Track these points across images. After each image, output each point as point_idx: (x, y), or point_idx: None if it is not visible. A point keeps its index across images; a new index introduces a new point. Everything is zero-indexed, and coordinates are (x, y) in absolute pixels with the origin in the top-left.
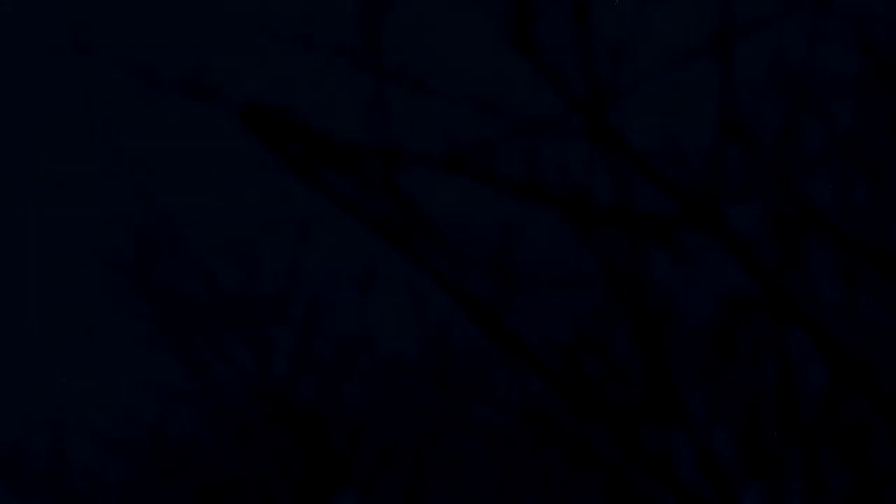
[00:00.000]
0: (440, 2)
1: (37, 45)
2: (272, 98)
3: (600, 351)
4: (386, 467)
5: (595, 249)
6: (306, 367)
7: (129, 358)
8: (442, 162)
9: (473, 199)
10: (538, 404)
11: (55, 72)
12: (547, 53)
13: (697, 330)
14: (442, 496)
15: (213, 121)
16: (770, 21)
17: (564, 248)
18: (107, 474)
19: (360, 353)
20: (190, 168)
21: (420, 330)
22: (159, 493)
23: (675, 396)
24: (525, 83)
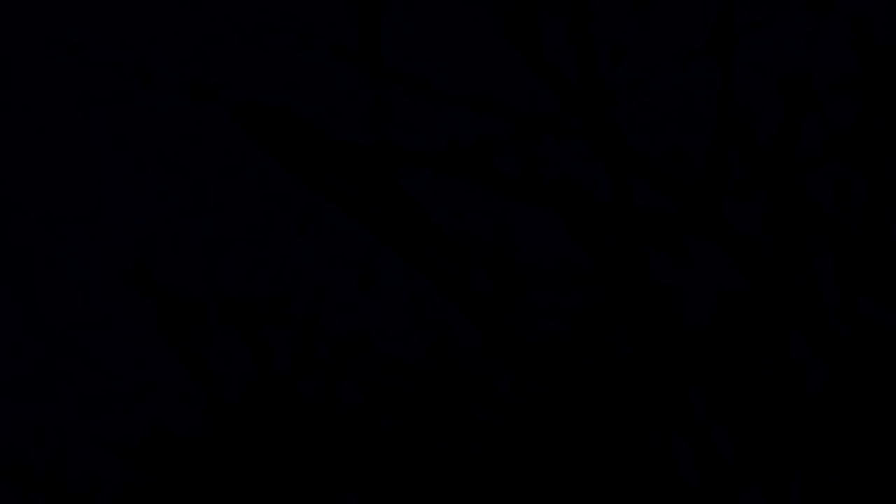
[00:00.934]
0: (440, 2)
1: (34, 46)
2: (271, 98)
3: (600, 350)
4: (386, 467)
5: (595, 249)
6: (306, 367)
7: (129, 358)
8: (442, 162)
9: (473, 199)
10: (538, 404)
11: (53, 72)
12: (547, 53)
13: (697, 330)
14: (442, 496)
15: (213, 121)
16: (770, 21)
17: (564, 247)
18: (107, 474)
19: (360, 353)
20: (189, 168)
21: (420, 330)
22: (159, 493)
23: (675, 396)
24: (525, 83)
